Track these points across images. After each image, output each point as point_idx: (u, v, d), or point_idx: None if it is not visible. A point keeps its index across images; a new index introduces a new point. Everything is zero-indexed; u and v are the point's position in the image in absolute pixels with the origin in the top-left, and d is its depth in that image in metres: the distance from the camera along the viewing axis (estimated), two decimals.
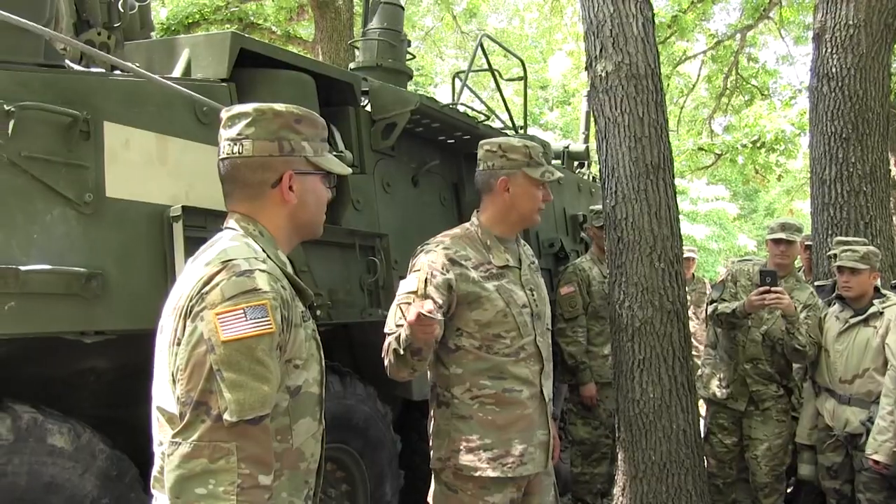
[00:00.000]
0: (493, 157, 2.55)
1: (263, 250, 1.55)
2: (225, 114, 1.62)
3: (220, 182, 1.63)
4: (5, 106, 2.10)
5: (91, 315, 2.21)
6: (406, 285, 2.39)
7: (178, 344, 1.40)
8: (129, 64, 2.52)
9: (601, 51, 3.85)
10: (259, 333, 1.38)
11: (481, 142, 2.64)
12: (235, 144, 1.57)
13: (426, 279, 2.33)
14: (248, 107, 1.61)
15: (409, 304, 2.30)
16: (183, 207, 2.43)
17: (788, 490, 4.64)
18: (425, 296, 2.29)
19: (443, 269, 2.38)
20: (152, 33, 4.03)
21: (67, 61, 2.50)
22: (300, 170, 1.61)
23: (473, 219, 2.62)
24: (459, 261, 2.43)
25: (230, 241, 1.53)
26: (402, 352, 2.24)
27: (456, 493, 2.44)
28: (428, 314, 2.05)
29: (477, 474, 2.39)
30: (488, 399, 2.42)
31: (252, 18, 10.94)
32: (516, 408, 2.44)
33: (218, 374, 1.34)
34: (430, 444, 2.54)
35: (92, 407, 2.62)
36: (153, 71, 3.00)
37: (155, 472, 1.47)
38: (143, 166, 2.44)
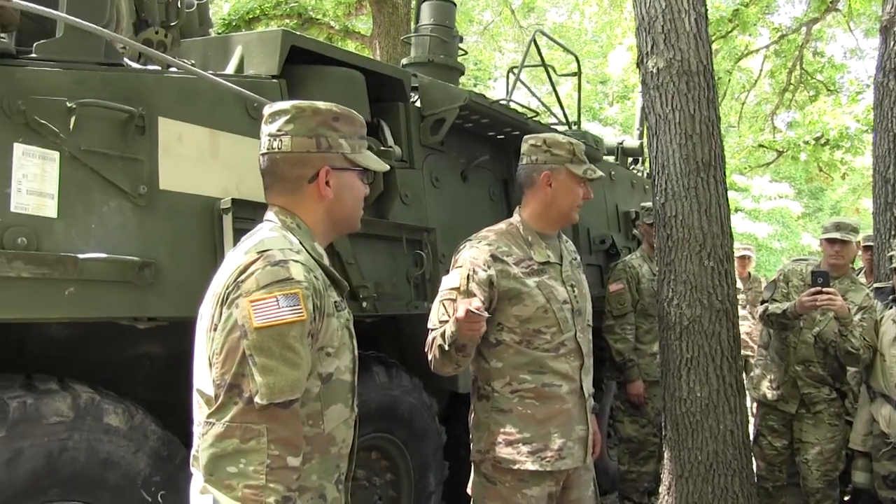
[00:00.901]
0: (537, 152, 2.57)
1: (300, 242, 1.61)
2: (267, 110, 1.69)
3: (261, 175, 1.69)
4: (67, 103, 2.21)
5: (144, 302, 2.31)
6: (448, 281, 2.44)
7: (216, 329, 1.47)
8: (183, 62, 2.62)
9: (653, 47, 3.81)
10: (291, 321, 1.44)
11: (526, 136, 2.66)
12: (275, 140, 1.64)
13: (468, 275, 2.39)
14: (288, 104, 1.67)
15: (452, 300, 2.35)
16: (232, 200, 2.52)
17: (846, 498, 4.53)
18: (468, 292, 2.33)
19: (484, 265, 2.41)
20: (211, 30, 4.16)
21: (126, 59, 2.61)
22: (337, 166, 1.67)
23: (516, 215, 2.64)
24: (501, 257, 2.46)
25: (268, 232, 1.59)
26: (447, 347, 2.29)
27: (495, 484, 2.47)
28: (476, 311, 2.10)
29: (516, 467, 2.42)
30: (528, 393, 2.45)
31: (311, 13, 11.11)
32: (555, 402, 2.46)
33: (250, 359, 1.41)
34: (471, 436, 2.58)
35: (146, 391, 2.73)
36: (208, 67, 3.12)
37: (194, 451, 1.54)
38: (195, 160, 2.53)
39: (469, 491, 2.60)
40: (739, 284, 7.92)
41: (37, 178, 2.12)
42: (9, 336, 2.44)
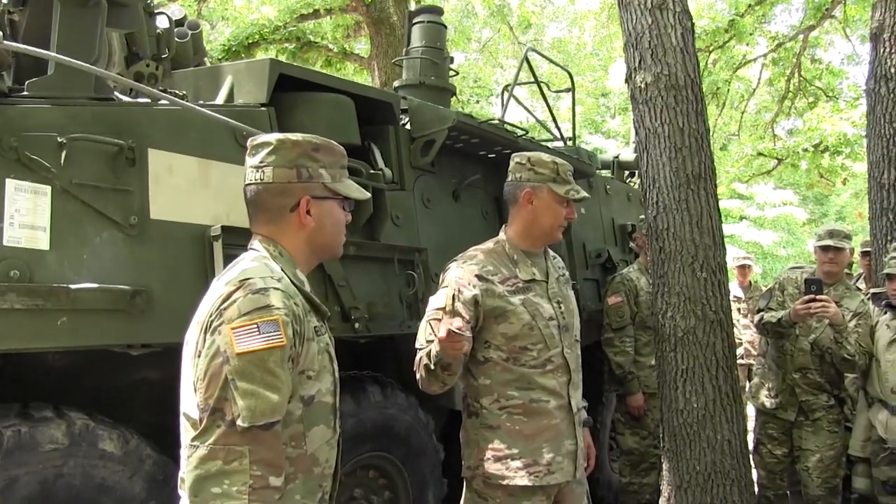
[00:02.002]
0: (522, 170, 2.62)
1: (282, 269, 1.67)
2: (250, 143, 1.76)
3: (246, 206, 1.75)
4: (58, 138, 2.28)
5: (137, 329, 2.36)
6: (435, 301, 2.48)
7: (199, 356, 1.52)
8: (170, 95, 2.69)
9: (640, 62, 3.86)
10: (271, 346, 1.49)
11: (513, 154, 2.71)
12: (258, 171, 1.70)
13: (454, 295, 2.43)
14: (270, 136, 1.74)
15: (438, 320, 2.38)
16: (222, 227, 2.57)
17: None
18: (454, 312, 2.38)
19: (469, 284, 2.46)
20: (206, 58, 4.24)
21: (117, 93, 2.68)
22: (318, 195, 1.72)
23: (502, 233, 2.68)
24: (486, 276, 2.50)
25: (250, 261, 1.65)
26: (432, 367, 2.33)
27: (486, 500, 2.50)
28: (457, 331, 2.13)
29: (505, 482, 2.44)
30: (516, 409, 2.48)
31: (310, 37, 11.23)
32: (543, 417, 2.49)
33: (232, 383, 1.46)
34: (462, 453, 2.61)
35: (145, 415, 2.78)
36: (200, 97, 3.19)
37: (181, 473, 1.59)
38: (185, 189, 2.59)
39: None
40: (741, 293, 7.95)
41: (29, 212, 2.19)
42: (7, 366, 2.50)
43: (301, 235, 1.73)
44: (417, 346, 2.46)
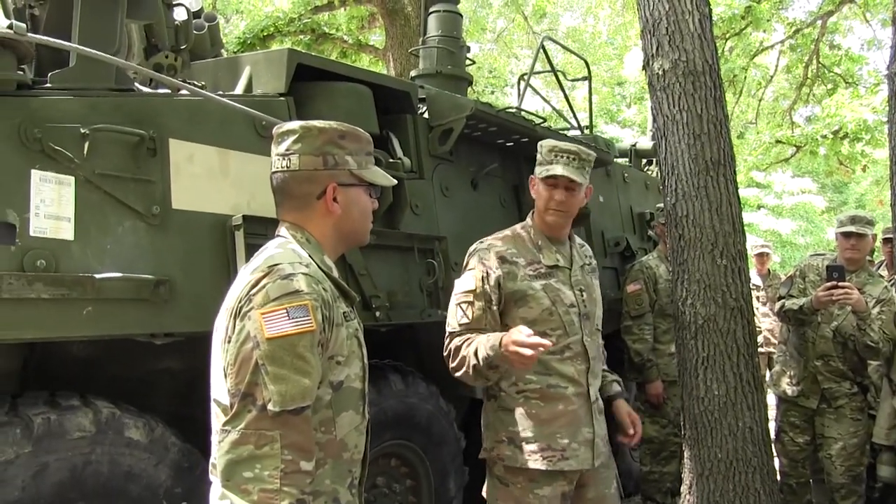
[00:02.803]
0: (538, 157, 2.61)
1: (310, 255, 1.68)
2: (276, 131, 1.76)
3: (273, 193, 1.76)
4: (81, 129, 2.30)
5: (160, 319, 2.38)
6: (462, 284, 2.48)
7: (230, 342, 1.53)
8: (191, 85, 2.70)
9: (658, 49, 3.83)
10: (300, 331, 1.50)
11: None
12: (284, 159, 1.71)
13: (483, 277, 2.44)
14: (296, 124, 1.74)
15: (469, 303, 2.40)
16: (244, 216, 2.59)
17: (876, 496, 4.48)
18: (483, 294, 2.39)
19: (494, 267, 2.47)
20: (223, 50, 4.26)
21: (137, 84, 2.69)
22: (344, 182, 1.73)
23: (528, 220, 2.68)
24: (509, 258, 2.50)
25: (276, 248, 1.66)
26: (480, 365, 2.30)
27: (507, 486, 2.51)
28: (539, 350, 2.09)
29: (519, 465, 2.45)
30: (533, 394, 2.49)
31: (325, 29, 11.23)
32: (560, 403, 2.49)
33: (263, 368, 1.47)
34: (482, 435, 2.62)
35: (169, 404, 2.80)
36: (219, 88, 3.20)
37: (212, 459, 1.60)
38: (206, 179, 2.61)
39: (484, 493, 2.63)
40: (759, 281, 7.90)
41: (54, 203, 2.20)
42: (34, 355, 2.53)
43: (328, 222, 1.74)
44: (450, 329, 2.46)
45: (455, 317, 2.45)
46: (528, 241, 2.60)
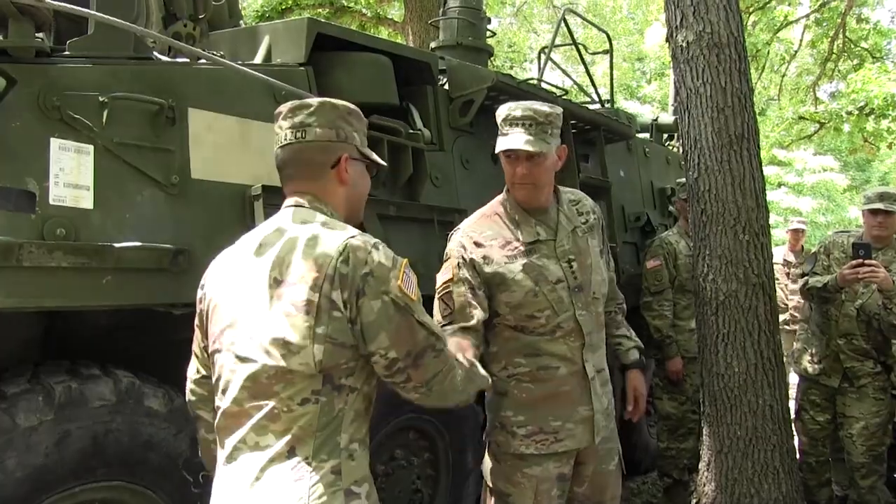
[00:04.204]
0: None
1: None
2: (284, 108, 1.79)
3: (278, 169, 1.79)
4: (100, 97, 2.28)
5: (179, 288, 2.38)
6: (441, 276, 2.39)
7: (352, 322, 1.58)
8: (210, 53, 2.67)
9: (682, 20, 3.76)
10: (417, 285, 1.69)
11: None
12: (298, 131, 1.74)
13: (458, 264, 2.35)
14: (310, 99, 1.80)
15: (448, 292, 2.32)
16: (263, 186, 2.57)
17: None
18: (462, 280, 2.32)
19: (469, 250, 2.37)
20: (241, 21, 4.22)
21: (156, 53, 2.67)
22: (353, 156, 1.80)
23: (504, 192, 2.50)
24: (483, 242, 2.38)
25: (331, 228, 1.66)
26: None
27: (500, 463, 2.46)
28: None
29: (511, 451, 2.41)
30: (524, 377, 2.40)
31: (343, 2, 11.15)
32: (552, 385, 2.39)
33: (421, 325, 1.64)
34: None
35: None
36: (237, 58, 3.17)
37: (239, 438, 1.61)
38: (225, 149, 2.59)
39: (482, 467, 2.60)
40: (792, 258, 7.82)
41: (73, 172, 2.19)
42: (55, 324, 2.54)
43: (341, 192, 1.79)
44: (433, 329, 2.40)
45: (439, 311, 2.33)
46: (504, 218, 2.44)
